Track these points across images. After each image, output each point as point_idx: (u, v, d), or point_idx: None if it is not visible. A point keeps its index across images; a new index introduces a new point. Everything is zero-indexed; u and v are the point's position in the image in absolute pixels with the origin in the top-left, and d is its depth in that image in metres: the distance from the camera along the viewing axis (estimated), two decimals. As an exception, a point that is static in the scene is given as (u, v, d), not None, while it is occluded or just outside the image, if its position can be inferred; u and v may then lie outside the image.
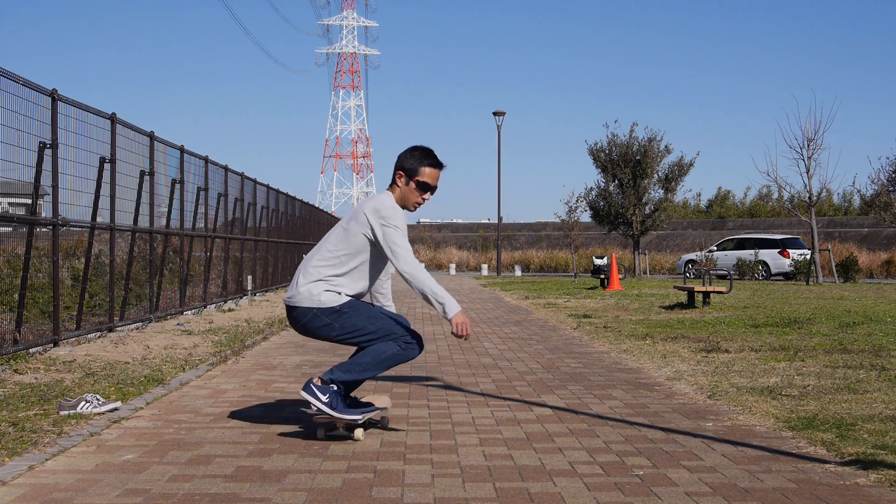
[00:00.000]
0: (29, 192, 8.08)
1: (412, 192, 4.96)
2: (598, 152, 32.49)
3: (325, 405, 4.74)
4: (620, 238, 40.56)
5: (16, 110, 7.60)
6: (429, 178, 4.96)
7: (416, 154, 4.98)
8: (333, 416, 4.74)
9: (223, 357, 8.19)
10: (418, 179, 4.94)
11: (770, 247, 29.99)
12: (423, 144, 5.06)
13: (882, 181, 27.02)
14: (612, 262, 22.32)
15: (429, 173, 4.96)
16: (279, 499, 3.71)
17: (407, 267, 4.69)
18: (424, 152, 5.00)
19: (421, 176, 4.94)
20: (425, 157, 4.98)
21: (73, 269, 11.09)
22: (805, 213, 27.57)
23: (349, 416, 4.75)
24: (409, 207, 5.00)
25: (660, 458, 4.43)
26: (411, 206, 5.00)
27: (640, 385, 6.76)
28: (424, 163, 4.95)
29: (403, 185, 4.96)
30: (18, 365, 7.13)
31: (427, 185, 4.96)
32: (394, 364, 4.88)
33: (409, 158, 4.97)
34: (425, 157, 4.98)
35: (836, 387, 6.40)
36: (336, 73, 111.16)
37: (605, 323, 12.15)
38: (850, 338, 9.72)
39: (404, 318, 5.02)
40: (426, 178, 4.96)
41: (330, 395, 4.76)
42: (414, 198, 4.97)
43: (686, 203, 53.93)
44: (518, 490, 3.85)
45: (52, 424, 5.06)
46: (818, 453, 4.47)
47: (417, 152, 4.99)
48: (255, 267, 18.80)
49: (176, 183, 12.70)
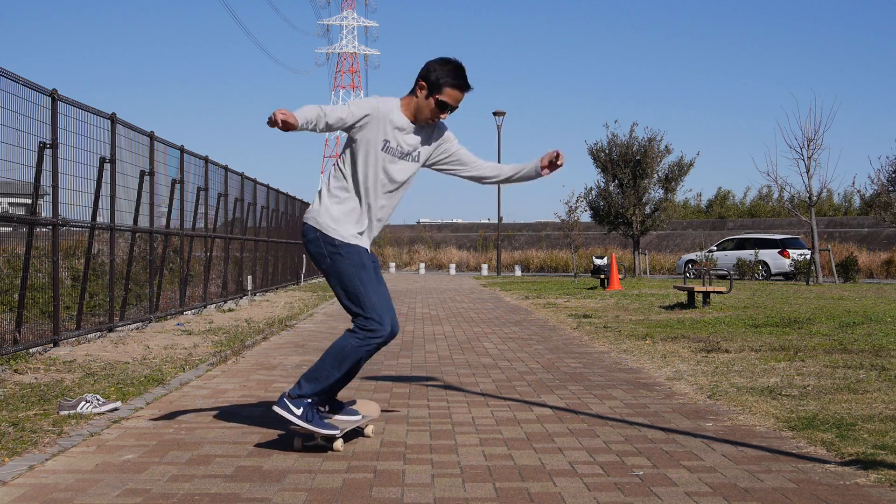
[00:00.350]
0: (29, 192, 8.08)
1: (430, 108, 4.50)
2: (598, 152, 32.50)
3: (301, 419, 4.44)
4: (620, 238, 40.57)
5: (16, 110, 7.60)
6: (450, 99, 4.49)
7: (446, 69, 4.47)
8: (310, 429, 4.45)
9: (223, 357, 8.19)
10: (439, 97, 4.47)
11: (770, 247, 30.00)
12: (455, 59, 4.53)
13: (882, 181, 27.04)
14: (612, 262, 22.32)
15: (452, 94, 4.49)
16: (279, 499, 3.71)
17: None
18: (454, 70, 4.48)
19: (443, 95, 4.47)
20: (453, 75, 4.47)
21: (73, 269, 11.09)
22: (805, 213, 27.57)
23: (326, 430, 4.46)
24: (419, 121, 4.55)
25: (660, 458, 4.43)
26: (423, 120, 4.55)
27: (640, 385, 6.76)
28: (451, 82, 4.46)
29: (423, 97, 4.49)
30: (18, 365, 7.13)
31: (447, 106, 4.51)
32: (358, 357, 4.50)
33: (436, 71, 4.47)
34: (453, 75, 4.47)
35: (836, 387, 6.40)
36: (336, 73, 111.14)
37: (605, 323, 12.14)
38: (850, 338, 9.72)
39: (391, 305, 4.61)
40: (448, 98, 4.48)
41: (304, 408, 4.46)
42: (430, 114, 4.52)
43: (686, 203, 53.93)
44: (518, 490, 3.85)
45: (52, 424, 5.06)
46: (818, 453, 4.47)
47: (448, 67, 4.48)
48: (255, 267, 18.80)
49: (176, 183, 12.70)
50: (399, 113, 4.55)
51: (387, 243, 51.67)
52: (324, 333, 10.96)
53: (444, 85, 4.46)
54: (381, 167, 4.55)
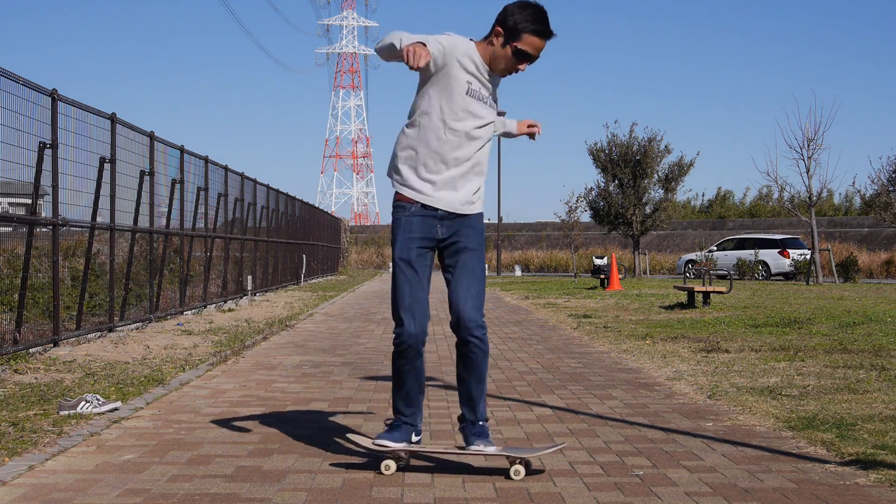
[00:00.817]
0: (29, 192, 8.09)
1: (507, 57, 4.04)
2: (598, 152, 32.51)
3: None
4: (620, 238, 40.58)
5: (16, 110, 7.61)
6: (530, 48, 4.02)
7: (525, 14, 4.01)
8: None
9: (223, 357, 8.19)
10: (517, 46, 4.00)
11: (770, 247, 30.02)
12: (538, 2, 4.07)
13: (882, 181, 27.04)
14: (612, 262, 22.32)
15: (532, 42, 4.01)
16: (279, 499, 3.71)
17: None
18: (536, 14, 4.01)
19: (522, 43, 4.00)
20: (534, 19, 4.01)
21: (73, 269, 11.09)
22: (805, 213, 27.58)
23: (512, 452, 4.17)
24: (495, 71, 4.10)
25: (660, 458, 4.43)
26: (500, 71, 4.10)
27: (640, 385, 6.76)
28: (530, 28, 3.99)
29: (499, 45, 4.03)
30: (18, 365, 7.13)
31: (526, 55, 4.03)
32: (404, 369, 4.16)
33: (514, 15, 4.01)
34: (534, 19, 4.01)
35: (836, 387, 6.40)
36: (336, 73, 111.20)
37: (605, 323, 12.15)
38: (850, 338, 9.72)
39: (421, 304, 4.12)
40: (527, 46, 4.01)
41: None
42: (507, 64, 4.06)
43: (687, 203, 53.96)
44: (518, 490, 3.85)
45: (52, 424, 5.06)
46: (818, 453, 4.47)
47: (528, 11, 4.01)
48: (255, 267, 18.80)
49: (176, 183, 12.70)
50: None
51: (386, 243, 51.67)
52: (324, 333, 10.97)
53: (523, 32, 4.00)
54: None
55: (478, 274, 4.15)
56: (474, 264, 4.15)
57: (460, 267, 4.13)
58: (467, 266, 4.13)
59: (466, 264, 4.13)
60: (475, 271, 4.14)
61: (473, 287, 4.11)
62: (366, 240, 53.62)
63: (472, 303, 4.10)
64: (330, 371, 7.57)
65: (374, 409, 5.75)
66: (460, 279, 4.11)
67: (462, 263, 4.13)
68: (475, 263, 4.15)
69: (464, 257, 4.14)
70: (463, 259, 4.14)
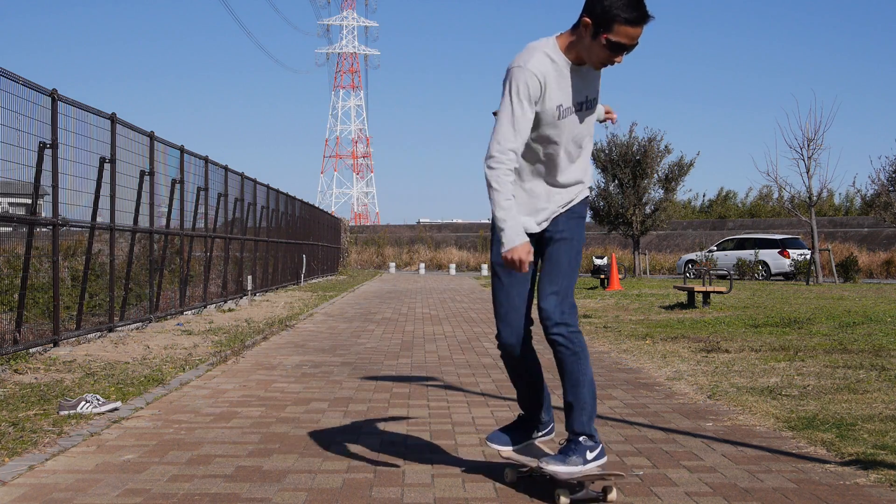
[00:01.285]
0: (29, 192, 8.09)
1: (600, 48, 3.56)
2: (597, 152, 32.48)
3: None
4: (620, 238, 40.55)
5: (16, 110, 7.60)
6: (625, 39, 3.53)
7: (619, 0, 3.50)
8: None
9: (223, 357, 8.19)
10: (610, 38, 3.52)
11: (770, 247, 30.01)
12: None
13: (882, 181, 27.04)
14: (612, 262, 22.32)
15: (627, 32, 3.52)
16: (279, 499, 3.71)
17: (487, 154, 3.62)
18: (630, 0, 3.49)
19: (616, 34, 3.51)
20: (630, 5, 3.49)
21: (73, 269, 11.09)
22: (805, 214, 27.58)
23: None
24: (590, 64, 3.67)
25: (660, 458, 4.43)
26: (595, 64, 3.66)
27: (640, 385, 6.76)
28: (624, 16, 3.48)
29: (589, 37, 3.56)
30: (18, 365, 7.13)
31: (622, 47, 3.55)
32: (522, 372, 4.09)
33: (604, 1, 3.50)
34: (630, 5, 3.49)
35: (836, 387, 6.40)
36: (336, 73, 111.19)
37: (605, 323, 12.14)
38: (850, 338, 9.72)
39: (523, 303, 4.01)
40: (622, 37, 3.52)
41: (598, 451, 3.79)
42: (601, 56, 3.59)
43: (687, 203, 53.94)
44: (518, 490, 3.85)
45: (52, 424, 5.06)
46: (818, 453, 4.47)
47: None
48: (255, 267, 18.80)
49: (176, 183, 12.70)
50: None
51: (386, 243, 51.68)
52: (324, 333, 10.97)
53: (616, 21, 3.50)
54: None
55: (563, 266, 3.79)
56: (560, 255, 3.80)
57: (547, 260, 3.83)
58: (551, 258, 3.82)
59: (551, 256, 3.83)
60: (560, 263, 3.79)
61: (558, 281, 3.78)
62: (366, 240, 53.62)
63: (553, 298, 3.79)
64: (330, 371, 7.57)
65: (374, 409, 5.75)
66: (545, 272, 3.81)
67: (549, 256, 3.83)
68: (563, 254, 3.80)
69: (554, 248, 3.83)
70: (553, 250, 3.83)
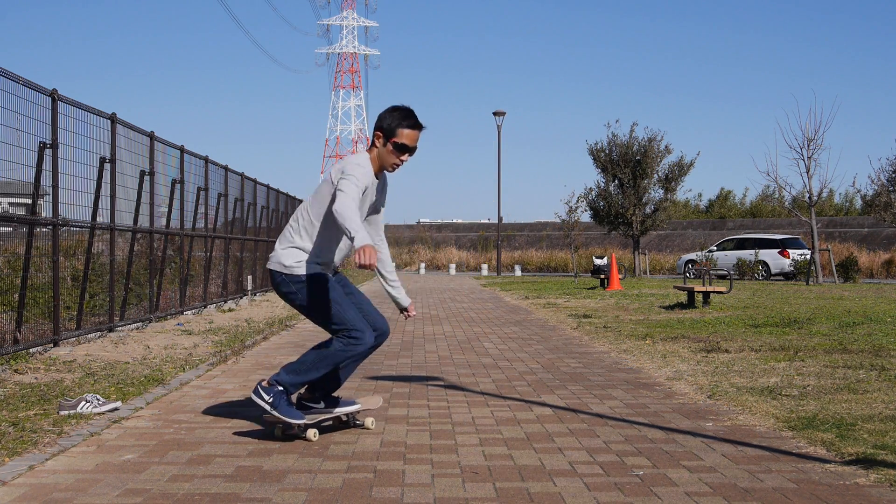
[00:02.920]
0: (29, 192, 8.08)
1: (390, 153, 4.80)
2: (598, 152, 32.50)
3: (269, 405, 4.74)
4: (620, 238, 40.55)
5: (16, 110, 7.60)
6: (407, 140, 4.78)
7: (395, 115, 4.78)
8: (275, 416, 4.74)
9: (223, 357, 8.20)
10: (396, 141, 4.77)
11: (770, 247, 30.00)
12: (404, 104, 4.85)
13: (882, 181, 27.05)
14: (612, 262, 22.32)
15: (407, 135, 4.78)
16: (279, 499, 3.71)
17: (337, 205, 4.41)
18: (404, 113, 4.80)
19: (399, 137, 4.77)
20: (404, 117, 4.78)
21: (74, 269, 11.09)
22: (805, 213, 27.58)
23: (290, 418, 4.74)
24: (387, 168, 4.87)
25: (660, 458, 4.43)
26: (389, 167, 4.86)
27: (640, 385, 6.76)
28: (403, 124, 4.77)
29: (381, 145, 4.80)
30: (18, 365, 7.13)
31: (405, 147, 4.79)
32: (340, 361, 4.78)
33: (387, 118, 4.79)
34: (404, 117, 4.78)
35: (836, 387, 6.40)
36: (336, 73, 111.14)
37: (605, 323, 12.15)
38: (850, 338, 9.72)
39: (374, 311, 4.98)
40: (404, 139, 4.78)
41: (273, 396, 4.75)
42: (391, 159, 4.82)
43: (687, 203, 53.94)
44: (518, 490, 3.85)
45: (52, 424, 5.06)
46: (818, 453, 4.47)
47: (397, 113, 4.79)
48: (255, 267, 18.80)
49: (176, 183, 12.70)
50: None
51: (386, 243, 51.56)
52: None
53: (398, 128, 4.76)
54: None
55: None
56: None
57: None
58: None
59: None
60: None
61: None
62: (366, 240, 53.51)
63: None
64: (330, 371, 7.56)
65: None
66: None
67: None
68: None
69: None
70: None
